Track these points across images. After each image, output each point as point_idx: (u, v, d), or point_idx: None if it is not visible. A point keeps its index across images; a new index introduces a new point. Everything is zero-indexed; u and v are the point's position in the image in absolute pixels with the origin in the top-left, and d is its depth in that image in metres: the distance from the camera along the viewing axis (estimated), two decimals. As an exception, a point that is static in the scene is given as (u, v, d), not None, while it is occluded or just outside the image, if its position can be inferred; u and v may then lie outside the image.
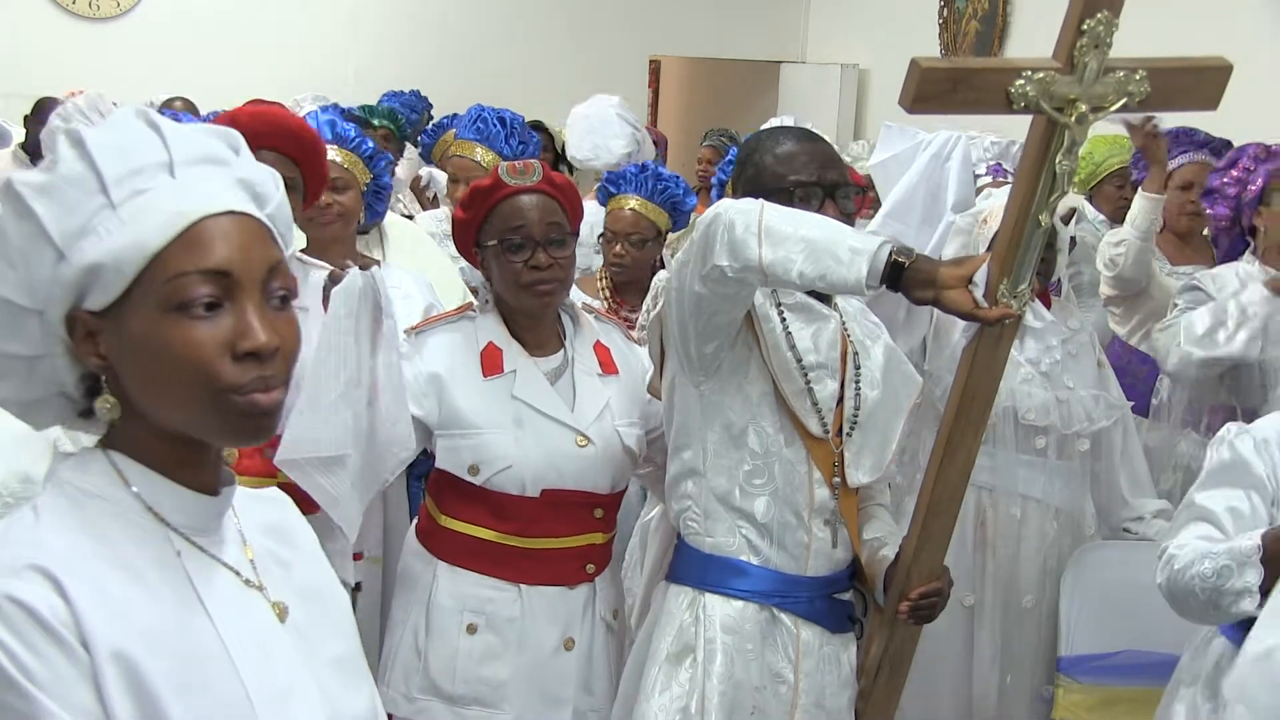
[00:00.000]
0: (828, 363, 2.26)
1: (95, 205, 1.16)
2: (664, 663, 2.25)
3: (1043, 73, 1.93)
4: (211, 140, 1.24)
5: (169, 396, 1.17)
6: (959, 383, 2.13)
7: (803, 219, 2.01)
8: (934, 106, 1.94)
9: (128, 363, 1.17)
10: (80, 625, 1.10)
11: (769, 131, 2.48)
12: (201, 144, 1.22)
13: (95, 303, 1.16)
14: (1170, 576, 2.27)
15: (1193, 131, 4.10)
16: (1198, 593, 2.21)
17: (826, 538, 2.28)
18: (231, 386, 1.16)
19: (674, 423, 2.30)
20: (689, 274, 2.10)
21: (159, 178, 1.18)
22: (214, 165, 1.22)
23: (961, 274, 1.96)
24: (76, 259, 1.15)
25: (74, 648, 1.10)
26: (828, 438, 2.26)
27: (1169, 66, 2.00)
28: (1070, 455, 3.05)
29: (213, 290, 1.16)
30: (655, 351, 2.34)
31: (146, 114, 1.22)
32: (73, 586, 1.11)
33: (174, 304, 1.15)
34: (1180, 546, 2.28)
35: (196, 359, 1.15)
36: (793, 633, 2.28)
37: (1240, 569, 2.16)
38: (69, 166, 1.17)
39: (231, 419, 1.17)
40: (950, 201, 3.05)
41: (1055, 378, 3.01)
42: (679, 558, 2.34)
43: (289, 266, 1.24)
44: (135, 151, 1.18)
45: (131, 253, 1.15)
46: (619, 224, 3.53)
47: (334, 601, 1.36)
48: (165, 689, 1.13)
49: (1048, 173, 1.98)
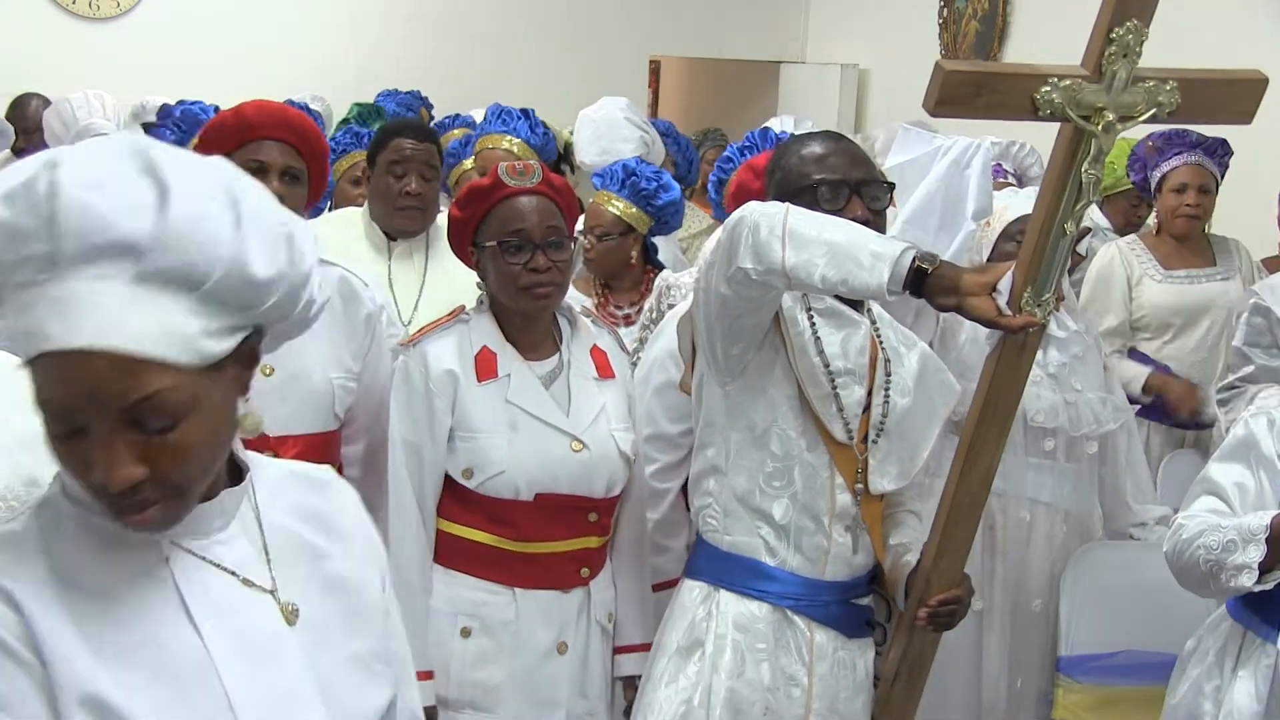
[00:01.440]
0: (856, 369, 2.25)
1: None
2: (673, 655, 2.27)
3: (1070, 80, 1.93)
4: (126, 206, 1.08)
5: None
6: (981, 391, 2.13)
7: (828, 223, 2.01)
8: (956, 110, 1.93)
9: None
10: (35, 639, 1.10)
11: (797, 136, 2.49)
12: (105, 225, 1.08)
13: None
14: (1176, 545, 2.33)
15: (1185, 133, 4.08)
16: (1200, 564, 2.27)
17: (847, 543, 2.27)
18: (104, 505, 1.13)
19: (700, 420, 2.31)
20: (715, 275, 2.10)
21: (42, 273, 1.08)
22: (111, 261, 1.08)
23: (985, 281, 1.96)
24: None
25: (27, 660, 1.09)
26: (852, 444, 2.25)
27: (1201, 78, 1.99)
28: (1079, 458, 3.05)
29: (62, 426, 1.11)
30: (686, 349, 2.34)
31: (53, 170, 1.08)
32: (30, 601, 1.11)
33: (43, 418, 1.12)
34: (1189, 517, 2.35)
35: (68, 470, 1.14)
36: (806, 636, 2.28)
37: (1244, 545, 2.22)
38: None
39: (123, 523, 1.15)
40: (970, 210, 3.03)
41: (1063, 380, 3.02)
42: (697, 553, 2.35)
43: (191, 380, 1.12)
44: (21, 239, 1.08)
45: (14, 348, 1.12)
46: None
47: (363, 595, 1.33)
48: (138, 706, 1.12)
49: (1074, 181, 1.98)
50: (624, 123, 4.61)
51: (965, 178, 3.07)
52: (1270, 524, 2.21)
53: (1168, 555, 2.38)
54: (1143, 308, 4.12)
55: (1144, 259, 4.15)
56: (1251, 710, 2.30)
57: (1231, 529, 2.25)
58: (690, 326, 2.28)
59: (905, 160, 3.15)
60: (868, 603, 2.36)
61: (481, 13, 8.01)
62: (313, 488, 1.34)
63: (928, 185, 3.06)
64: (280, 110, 2.65)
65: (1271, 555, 2.21)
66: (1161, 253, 4.16)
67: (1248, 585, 2.23)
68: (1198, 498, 2.41)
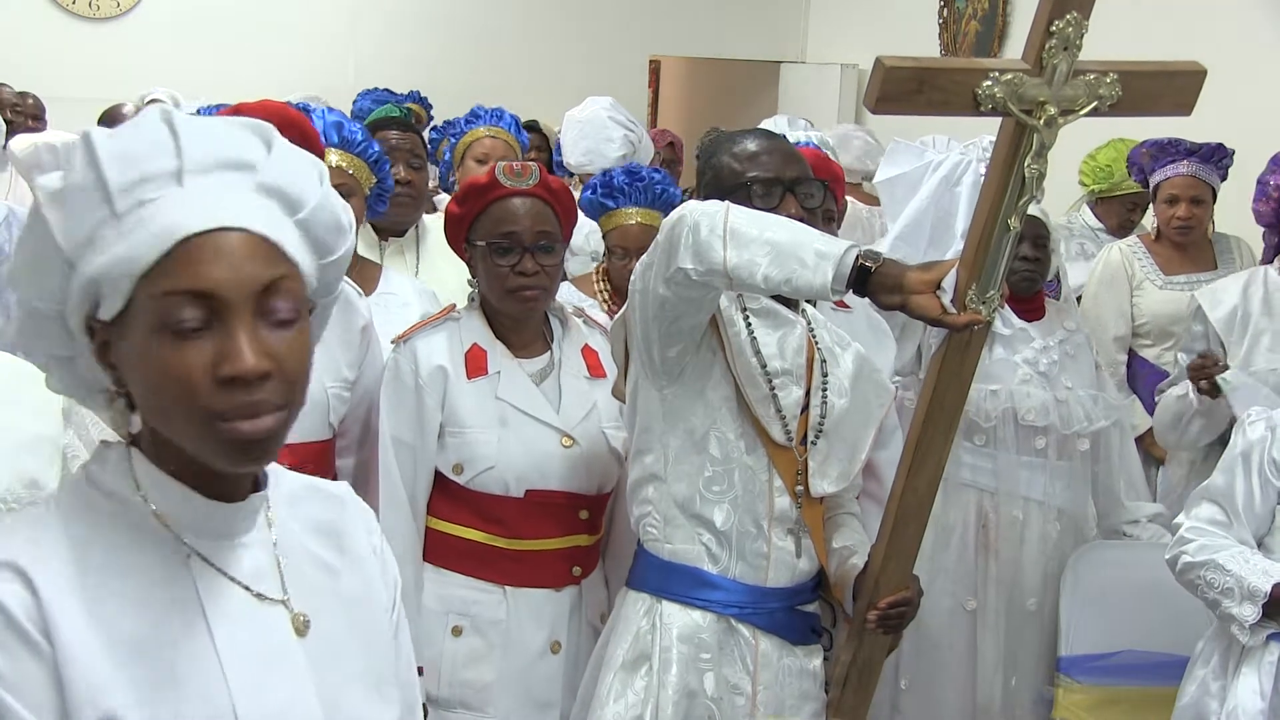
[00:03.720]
0: (793, 369, 2.23)
1: (100, 216, 1.13)
2: (619, 670, 2.23)
3: (1011, 74, 1.90)
4: (238, 140, 1.19)
5: (162, 415, 1.16)
6: (927, 389, 2.11)
7: (769, 222, 1.98)
8: (899, 107, 1.91)
9: (130, 376, 1.16)
10: (49, 625, 1.09)
11: (726, 133, 2.46)
12: (223, 146, 1.17)
13: (104, 313, 1.15)
14: (1179, 564, 2.41)
15: (1177, 142, 4.03)
16: (1199, 591, 2.37)
17: (788, 547, 2.24)
18: (215, 413, 1.12)
19: (636, 426, 2.28)
20: (653, 276, 2.07)
21: (166, 188, 1.14)
22: (233, 171, 1.17)
23: (929, 279, 1.92)
24: (83, 269, 1.14)
25: (41, 646, 1.09)
26: (791, 445, 2.23)
27: (1141, 70, 1.97)
28: (1071, 455, 3.04)
29: (198, 312, 1.12)
30: (619, 354, 2.31)
31: (168, 114, 1.17)
32: (47, 586, 1.11)
33: (161, 324, 1.12)
34: (1193, 531, 2.41)
35: (180, 382, 1.12)
36: (751, 644, 2.24)
37: (1242, 600, 2.30)
38: (78, 173, 1.14)
39: (218, 445, 1.14)
40: (960, 228, 2.99)
41: (1053, 378, 3.01)
42: (638, 564, 2.31)
43: (304, 280, 1.19)
44: (143, 159, 1.14)
45: (124, 267, 1.12)
46: (627, 240, 3.37)
47: (374, 615, 1.33)
48: (136, 700, 1.11)
49: (1016, 177, 1.95)
50: (608, 122, 4.58)
51: (955, 194, 3.04)
52: (1270, 591, 2.28)
53: (1169, 562, 2.42)
54: (1143, 314, 4.09)
55: (1145, 263, 4.12)
56: (1256, 707, 2.32)
57: (1233, 579, 2.31)
58: (623, 330, 2.25)
59: (896, 175, 3.12)
60: (814, 609, 2.33)
61: (481, 12, 8.02)
62: (329, 504, 1.33)
63: (918, 202, 3.03)
64: (278, 110, 2.64)
65: (1268, 615, 2.29)
66: (1162, 257, 4.13)
67: (1239, 636, 2.31)
68: (1198, 504, 2.44)
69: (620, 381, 2.35)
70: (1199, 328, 3.48)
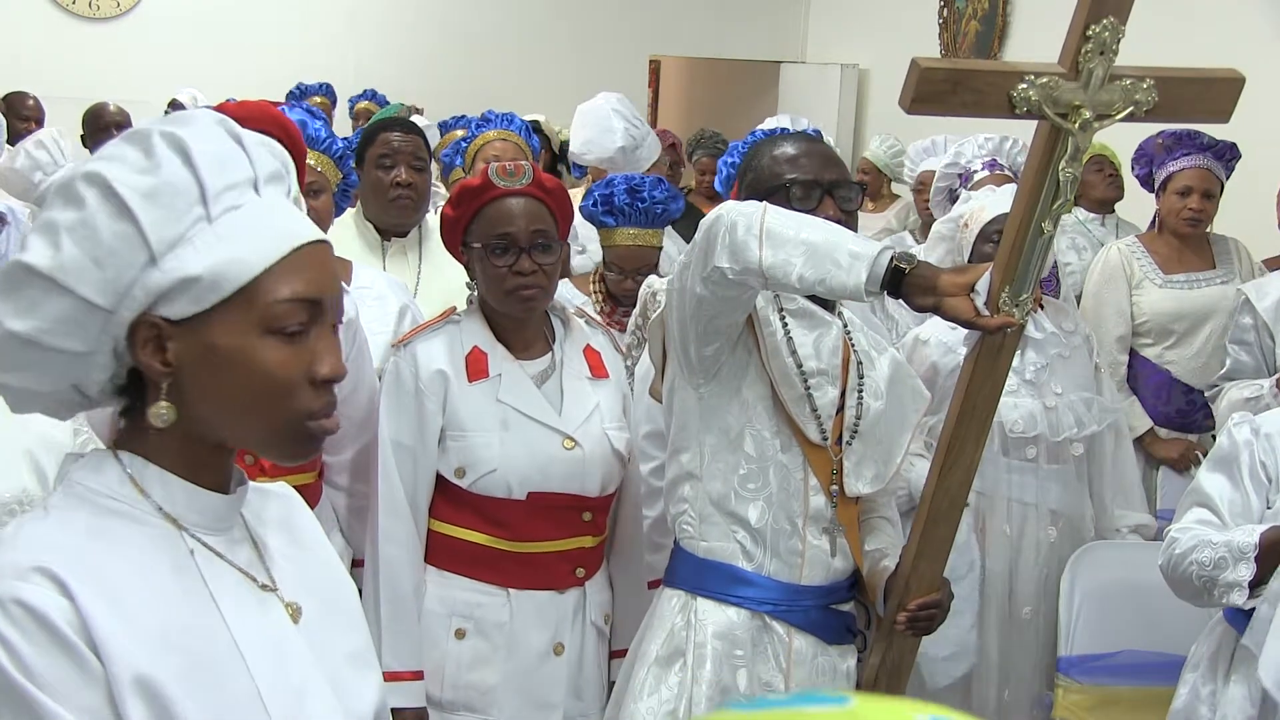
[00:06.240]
0: (828, 369, 2.23)
1: (194, 216, 1.17)
2: (653, 665, 2.23)
3: (1047, 78, 1.91)
4: (274, 152, 1.26)
5: (240, 411, 1.20)
6: (959, 391, 2.12)
7: (805, 222, 1.99)
8: (933, 108, 1.92)
9: (202, 373, 1.18)
10: (88, 627, 1.11)
11: (770, 136, 2.47)
12: (270, 158, 1.24)
13: (176, 311, 1.17)
14: (1170, 560, 2.37)
15: (1196, 135, 4.04)
16: (1194, 579, 2.32)
17: (822, 546, 2.24)
18: (307, 412, 1.21)
19: (673, 425, 2.28)
20: (690, 276, 2.08)
21: (247, 194, 1.20)
22: (279, 184, 1.25)
23: (963, 281, 1.93)
24: (170, 267, 1.15)
25: (81, 650, 1.10)
26: (826, 445, 2.23)
27: (1178, 76, 1.97)
28: (1064, 459, 3.03)
29: (305, 317, 1.20)
30: (657, 354, 2.32)
31: (225, 122, 1.22)
32: (80, 588, 1.12)
33: (271, 326, 1.18)
34: (1181, 530, 2.38)
35: (283, 381, 1.19)
36: (785, 642, 2.25)
37: (1235, 563, 2.25)
38: (174, 173, 1.16)
39: (295, 440, 1.22)
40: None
41: (1041, 384, 2.99)
42: (674, 561, 2.32)
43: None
44: (230, 165, 1.19)
45: (233, 269, 1.16)
46: (622, 260, 3.38)
47: (344, 595, 1.38)
48: (178, 690, 1.13)
49: (1051, 180, 1.96)
50: (611, 114, 4.58)
51: None
52: (1259, 541, 2.24)
53: (1162, 568, 2.40)
54: (1143, 313, 4.09)
55: (1143, 262, 4.12)
56: (1245, 715, 2.30)
57: (1222, 546, 2.27)
58: (661, 331, 2.26)
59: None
60: (849, 609, 2.33)
61: (481, 13, 8.02)
62: (278, 501, 1.37)
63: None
64: (263, 109, 2.64)
65: (1262, 570, 2.24)
66: (1161, 256, 4.13)
67: (1239, 603, 2.26)
68: (1189, 509, 2.42)
69: (658, 381, 2.36)
70: (1247, 319, 3.46)
